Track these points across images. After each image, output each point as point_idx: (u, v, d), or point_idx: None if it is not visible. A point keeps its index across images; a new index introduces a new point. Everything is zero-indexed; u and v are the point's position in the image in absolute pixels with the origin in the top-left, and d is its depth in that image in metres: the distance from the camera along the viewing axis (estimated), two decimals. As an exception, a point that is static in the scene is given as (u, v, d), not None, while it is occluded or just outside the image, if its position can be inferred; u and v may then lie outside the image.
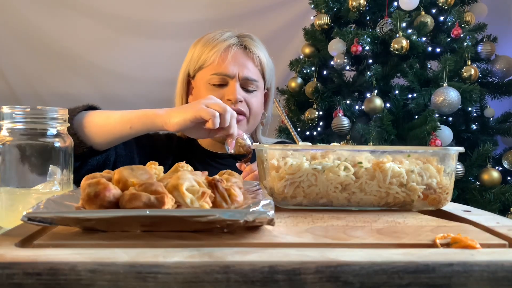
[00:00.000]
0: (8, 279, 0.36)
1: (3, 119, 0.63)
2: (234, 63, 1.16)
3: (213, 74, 1.15)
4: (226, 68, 1.15)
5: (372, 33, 2.12)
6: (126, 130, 0.97)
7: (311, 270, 0.37)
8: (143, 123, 0.96)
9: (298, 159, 0.62)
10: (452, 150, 0.64)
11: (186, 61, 1.23)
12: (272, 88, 1.28)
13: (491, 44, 2.15)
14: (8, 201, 0.63)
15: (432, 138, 1.91)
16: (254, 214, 0.44)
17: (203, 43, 1.19)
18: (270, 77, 1.25)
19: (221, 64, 1.15)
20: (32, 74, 2.77)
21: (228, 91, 1.15)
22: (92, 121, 0.98)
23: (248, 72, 1.17)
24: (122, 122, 0.97)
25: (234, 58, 1.16)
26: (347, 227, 0.51)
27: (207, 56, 1.16)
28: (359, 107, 2.21)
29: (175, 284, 0.36)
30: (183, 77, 1.23)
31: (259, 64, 1.20)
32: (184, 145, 1.26)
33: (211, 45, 1.17)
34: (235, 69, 1.15)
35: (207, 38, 1.19)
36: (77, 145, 0.95)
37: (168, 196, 0.46)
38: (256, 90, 1.19)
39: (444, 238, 0.45)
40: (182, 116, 0.91)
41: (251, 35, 1.23)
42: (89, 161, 1.02)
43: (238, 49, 1.18)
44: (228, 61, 1.15)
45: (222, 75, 1.15)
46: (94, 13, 2.78)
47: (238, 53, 1.17)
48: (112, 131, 0.98)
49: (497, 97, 2.19)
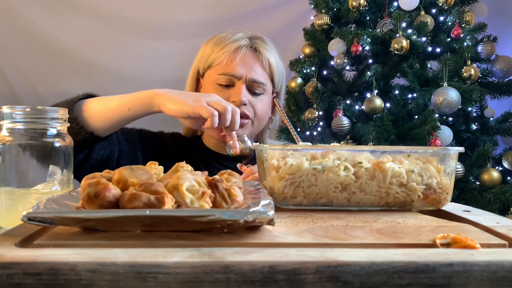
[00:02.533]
0: (8, 279, 0.36)
1: (3, 119, 0.63)
2: (242, 64, 1.15)
3: (220, 74, 1.15)
4: (233, 69, 1.14)
5: (372, 33, 2.12)
6: (125, 112, 0.97)
7: (311, 270, 0.37)
8: (141, 103, 0.96)
9: (298, 159, 0.62)
10: (452, 150, 0.64)
11: (197, 58, 1.22)
12: (282, 92, 1.27)
13: (491, 44, 2.15)
14: (8, 201, 0.63)
15: (432, 138, 1.91)
16: (254, 214, 0.44)
17: (214, 42, 1.19)
18: (280, 81, 1.24)
19: (229, 64, 1.15)
20: (32, 74, 2.77)
21: (233, 93, 1.15)
22: (92, 107, 0.98)
23: (255, 75, 1.16)
24: (122, 105, 0.97)
25: (242, 59, 1.15)
26: (347, 227, 0.51)
27: (216, 56, 1.16)
28: (359, 107, 2.21)
29: (175, 284, 0.36)
30: (193, 74, 1.23)
31: (268, 67, 1.19)
32: (188, 145, 1.26)
33: (221, 44, 1.17)
34: (242, 70, 1.15)
35: (219, 38, 1.19)
36: (78, 132, 0.96)
37: (168, 196, 0.46)
38: (263, 93, 1.18)
39: (444, 238, 0.45)
40: (181, 107, 0.90)
41: (263, 37, 1.23)
42: (93, 155, 1.02)
43: (248, 51, 1.17)
44: (236, 62, 1.14)
45: (229, 76, 1.15)
46: (94, 13, 2.77)
47: (247, 55, 1.17)
48: (112, 114, 0.98)
49: (497, 97, 2.19)
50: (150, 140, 1.21)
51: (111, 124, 0.99)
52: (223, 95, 1.13)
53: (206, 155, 1.23)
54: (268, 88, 1.19)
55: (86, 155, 1.02)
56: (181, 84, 1.29)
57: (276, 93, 1.25)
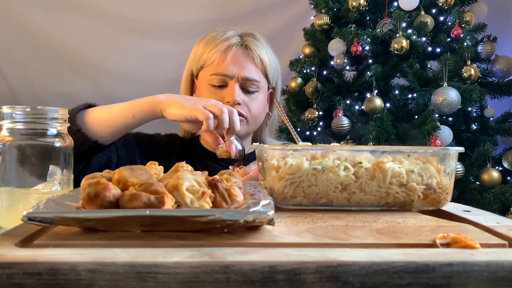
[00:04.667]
0: (8, 279, 0.36)
1: (3, 119, 0.63)
2: (233, 63, 1.14)
3: (212, 74, 1.14)
4: (225, 69, 1.13)
5: (372, 33, 2.12)
6: (129, 120, 0.97)
7: (311, 270, 0.37)
8: (144, 110, 0.96)
9: (298, 159, 0.62)
10: (452, 150, 0.64)
11: (190, 59, 1.21)
12: (278, 88, 1.26)
13: (491, 44, 2.15)
14: (8, 201, 0.63)
15: (432, 138, 1.91)
16: (254, 214, 0.44)
17: (205, 42, 1.18)
18: (274, 76, 1.22)
19: (221, 64, 1.14)
20: (32, 74, 2.77)
21: (227, 93, 1.14)
22: (95, 117, 0.98)
23: (248, 73, 1.15)
24: (125, 112, 0.97)
25: (233, 58, 1.14)
26: (347, 227, 0.51)
27: (208, 56, 1.15)
28: (359, 107, 2.21)
29: (175, 284, 0.36)
30: (187, 75, 1.22)
31: (260, 63, 1.17)
32: (186, 146, 1.25)
33: (212, 44, 1.16)
34: (234, 69, 1.14)
35: (209, 37, 1.18)
36: (83, 142, 0.96)
37: (168, 196, 0.46)
38: (257, 91, 1.17)
39: (444, 238, 0.45)
40: (179, 111, 0.91)
41: (254, 33, 1.21)
42: (91, 163, 1.02)
43: (239, 49, 1.16)
44: (227, 61, 1.13)
45: (221, 76, 1.14)
46: (94, 13, 2.77)
47: (238, 53, 1.15)
48: (116, 122, 0.98)
49: (497, 97, 2.19)
50: (147, 144, 1.20)
51: (115, 132, 1.00)
52: (217, 96, 1.13)
53: (204, 155, 1.23)
54: (262, 85, 1.18)
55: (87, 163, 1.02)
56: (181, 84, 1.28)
57: (272, 89, 1.24)
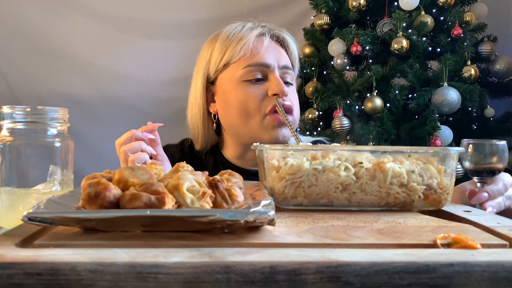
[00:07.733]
0: (9, 279, 0.36)
1: (3, 119, 0.63)
2: (270, 51, 1.01)
3: (246, 66, 0.99)
4: (262, 57, 0.99)
5: (372, 33, 2.11)
6: None
7: (312, 270, 0.37)
8: None
9: (299, 159, 0.62)
10: (452, 150, 0.64)
11: (202, 64, 1.06)
12: None
13: (491, 44, 2.15)
14: (8, 201, 0.63)
15: (432, 138, 1.91)
16: (254, 214, 0.44)
17: (223, 39, 1.03)
18: (298, 67, 1.12)
19: (256, 54, 1.00)
20: (32, 74, 2.77)
21: (271, 85, 0.99)
22: None
23: (286, 61, 1.03)
24: None
25: (268, 47, 1.01)
26: (347, 227, 0.51)
27: (234, 50, 1.00)
28: (359, 107, 2.21)
29: (175, 284, 0.36)
30: (202, 84, 1.05)
31: (292, 53, 1.07)
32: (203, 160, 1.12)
33: (236, 38, 1.02)
34: (272, 57, 1.00)
35: (228, 33, 1.04)
36: None
37: (168, 196, 0.46)
38: (292, 83, 1.05)
39: (445, 238, 0.45)
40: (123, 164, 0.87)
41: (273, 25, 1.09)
42: None
43: (268, 37, 1.03)
44: (263, 49, 1.00)
45: (259, 65, 0.99)
46: (95, 13, 2.77)
47: (271, 42, 1.04)
48: None
49: (497, 97, 2.19)
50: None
51: None
52: (256, 91, 0.99)
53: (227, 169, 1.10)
54: (294, 76, 1.07)
55: None
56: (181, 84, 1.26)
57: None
